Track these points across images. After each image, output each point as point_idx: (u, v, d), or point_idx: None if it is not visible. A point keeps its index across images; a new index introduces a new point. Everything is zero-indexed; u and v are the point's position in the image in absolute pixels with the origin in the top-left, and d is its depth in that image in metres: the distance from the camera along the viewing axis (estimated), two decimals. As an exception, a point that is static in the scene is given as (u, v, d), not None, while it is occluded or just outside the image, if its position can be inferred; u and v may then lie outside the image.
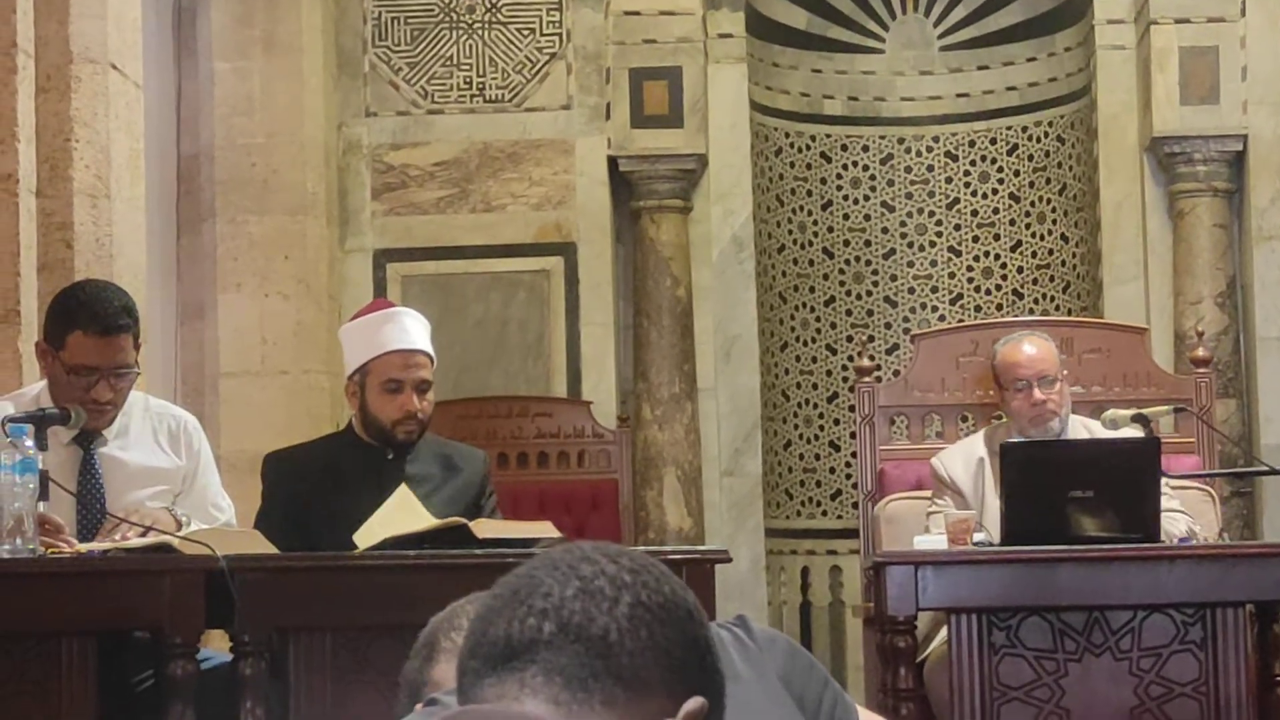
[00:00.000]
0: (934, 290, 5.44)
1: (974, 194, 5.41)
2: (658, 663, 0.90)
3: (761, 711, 1.24)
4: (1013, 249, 5.41)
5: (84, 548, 2.54)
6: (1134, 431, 3.11)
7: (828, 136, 5.44)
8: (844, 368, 5.20)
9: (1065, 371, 3.21)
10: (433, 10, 4.95)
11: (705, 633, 0.94)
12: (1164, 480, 2.94)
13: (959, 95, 5.49)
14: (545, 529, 2.43)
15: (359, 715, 2.29)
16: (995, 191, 5.42)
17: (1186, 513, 3.01)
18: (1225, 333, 4.74)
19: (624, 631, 0.89)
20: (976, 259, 5.42)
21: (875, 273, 5.43)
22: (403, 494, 2.51)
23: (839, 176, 5.47)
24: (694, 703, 0.89)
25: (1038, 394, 3.03)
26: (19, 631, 2.48)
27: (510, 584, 0.91)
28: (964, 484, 3.12)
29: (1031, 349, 3.11)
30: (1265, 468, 3.73)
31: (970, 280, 5.47)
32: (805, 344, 5.45)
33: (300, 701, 2.56)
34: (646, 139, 4.97)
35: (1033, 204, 5.44)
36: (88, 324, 2.53)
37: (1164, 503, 2.91)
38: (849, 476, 5.13)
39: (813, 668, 1.37)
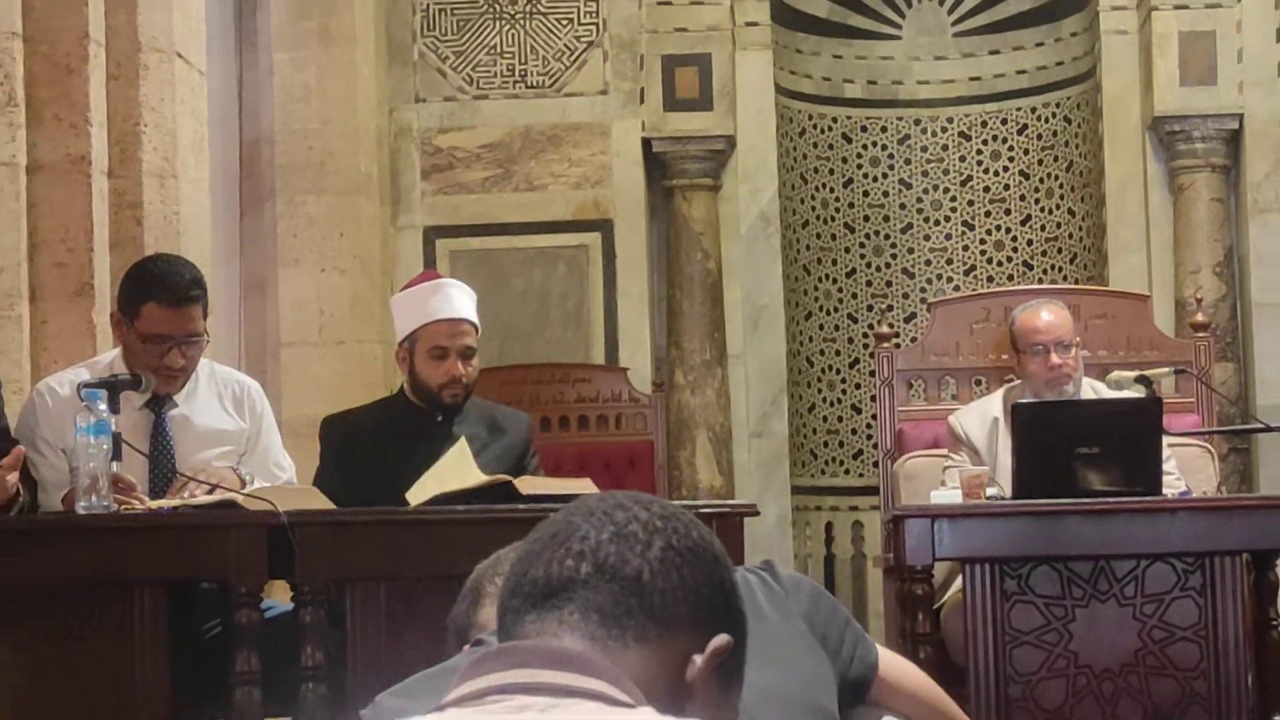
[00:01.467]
0: (949, 262, 5.70)
1: (986, 171, 5.66)
2: (687, 601, 0.92)
3: (784, 648, 1.36)
4: (1023, 223, 5.66)
5: (155, 504, 2.64)
6: (1137, 392, 3.26)
7: (848, 118, 5.70)
8: (865, 335, 5.43)
9: (1079, 338, 3.34)
10: (477, 2, 5.23)
11: (730, 575, 0.96)
12: (1166, 439, 3.04)
13: (971, 79, 5.76)
14: (585, 486, 2.52)
15: (411, 659, 2.31)
16: (1006, 169, 5.68)
17: (1177, 475, 3.16)
18: (1223, 300, 4.99)
19: (656, 573, 0.91)
20: (989, 232, 5.69)
21: (894, 246, 5.68)
22: (460, 448, 2.64)
23: (859, 156, 5.73)
24: (720, 640, 0.91)
25: (1054, 358, 3.17)
26: (96, 582, 2.60)
27: (548, 529, 0.93)
28: (979, 442, 3.27)
29: (1050, 315, 3.25)
30: (1261, 425, 3.91)
31: (983, 253, 5.72)
32: (828, 313, 5.72)
33: (356, 647, 2.65)
34: (678, 121, 5.22)
35: (1041, 180, 5.66)
36: (160, 295, 2.65)
37: (1167, 454, 3.01)
38: (869, 437, 5.38)
39: (835, 609, 1.48)
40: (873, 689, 1.52)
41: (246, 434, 2.83)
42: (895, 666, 1.59)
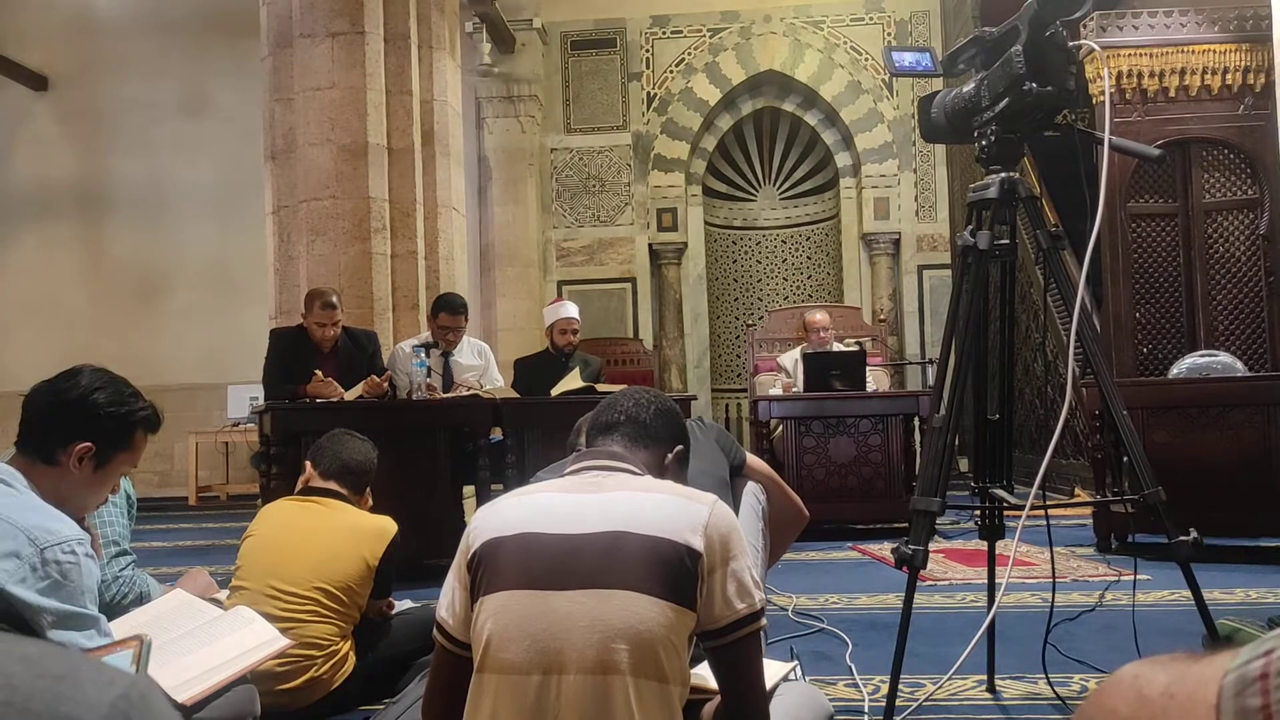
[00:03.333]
0: (776, 294, 10.38)
1: (793, 255, 10.32)
2: (665, 431, 1.69)
3: (706, 453, 2.40)
4: (807, 279, 10.18)
5: (444, 396, 4.81)
6: (855, 348, 5.97)
7: (734, 234, 10.31)
8: (742, 325, 9.47)
9: (831, 325, 6.05)
10: (578, 185, 9.39)
11: (683, 420, 1.73)
12: (867, 367, 5.70)
13: (786, 217, 10.50)
14: (622, 388, 3.64)
15: (552, 459, 2.74)
16: (799, 255, 10.19)
17: (872, 382, 5.80)
18: (892, 310, 9.32)
19: (652, 419, 1.68)
20: (794, 283, 10.25)
21: (754, 288, 10.28)
22: (576, 372, 5.02)
23: (740, 250, 10.38)
24: (678, 448, 1.68)
25: (822, 334, 5.91)
26: (421, 428, 4.50)
27: (607, 400, 1.73)
28: (789, 368, 5.98)
29: (820, 315, 5.98)
30: (906, 361, 7.35)
31: (792, 290, 10.36)
32: (727, 316, 10.43)
33: (529, 457, 4.55)
34: (663, 237, 9.63)
35: (817, 261, 10.19)
36: (446, 309, 5.02)
37: (867, 375, 5.66)
38: (743, 367, 8.99)
39: (729, 436, 2.60)
40: (744, 469, 2.55)
41: (483, 367, 5.21)
42: (755, 461, 2.63)
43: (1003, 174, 2.32)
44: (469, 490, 4.93)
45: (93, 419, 1.85)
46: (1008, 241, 2.37)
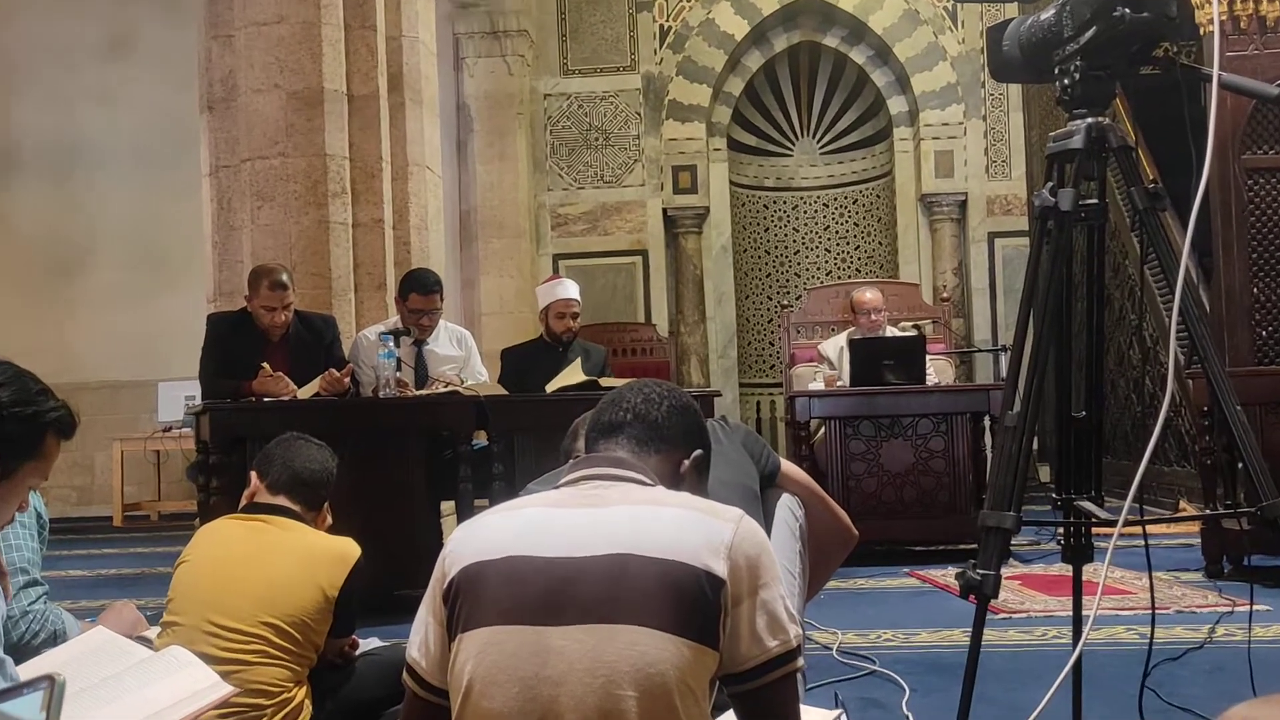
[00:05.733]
0: (818, 269, 10.51)
1: (836, 222, 10.47)
2: (680, 433, 1.72)
3: (731, 459, 2.47)
4: (854, 249, 10.39)
5: (417, 393, 4.86)
6: (912, 333, 5.98)
7: (766, 197, 10.54)
8: (776, 306, 9.49)
9: (884, 306, 6.07)
10: (578, 140, 9.65)
11: (702, 420, 1.78)
12: (927, 356, 5.72)
13: (829, 176, 10.63)
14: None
15: (545, 469, 2.63)
16: (846, 221, 10.38)
17: (933, 374, 5.84)
18: (957, 287, 9.37)
19: (664, 418, 1.72)
20: (837, 254, 10.45)
21: (789, 261, 10.46)
22: (575, 364, 5.06)
23: (771, 215, 10.60)
24: (697, 453, 1.73)
25: (873, 317, 5.93)
26: (389, 431, 4.60)
27: (611, 396, 1.76)
28: (833, 358, 6.02)
29: (870, 294, 6.00)
30: (974, 349, 7.66)
31: (836, 264, 10.55)
32: (757, 296, 10.61)
33: (518, 463, 4.65)
34: (680, 200, 9.90)
35: (865, 227, 10.34)
36: (418, 288, 5.06)
37: (927, 365, 5.69)
38: (777, 357, 9.43)
39: (758, 439, 2.69)
40: (778, 479, 2.63)
41: (463, 358, 5.27)
42: (791, 468, 2.69)
43: (1090, 119, 2.31)
44: (448, 506, 4.97)
45: (-7, 422, 1.84)
46: (1096, 201, 2.36)
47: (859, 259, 10.67)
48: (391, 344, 4.79)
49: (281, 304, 4.95)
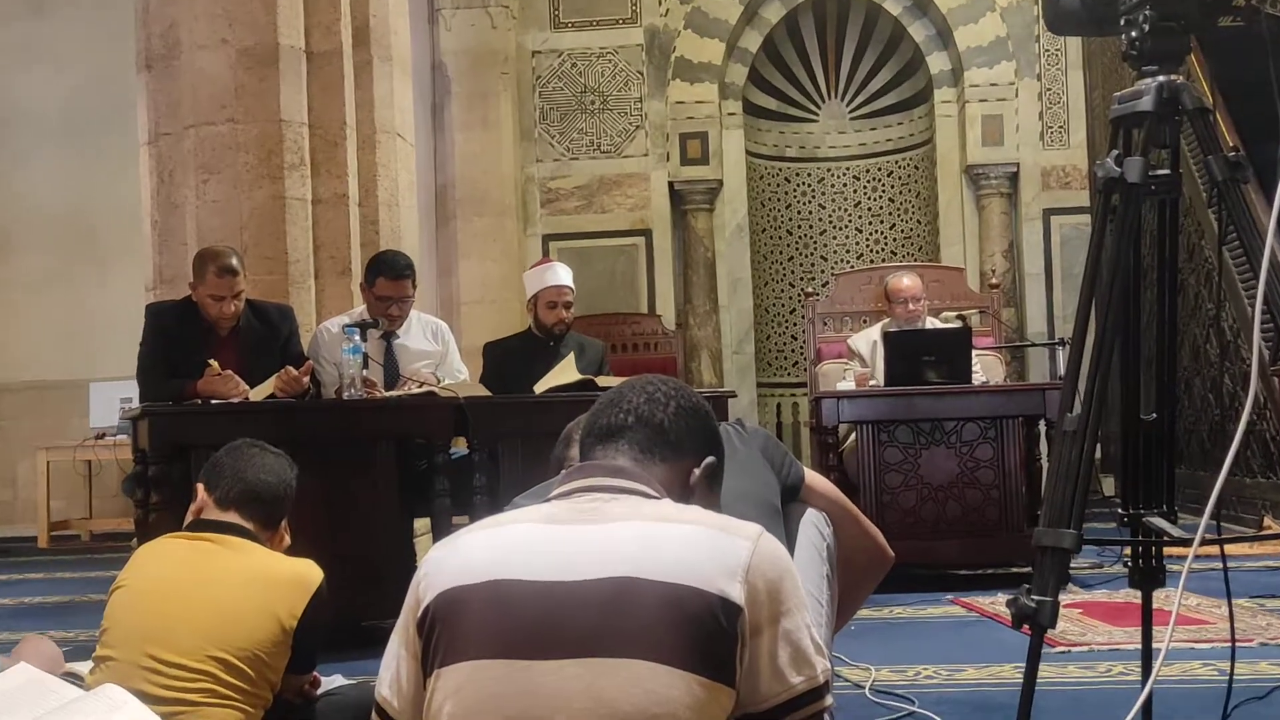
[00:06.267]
0: (847, 251, 10.63)
1: (868, 198, 10.53)
2: (690, 438, 1.75)
3: (748, 468, 2.40)
4: (890, 228, 10.52)
5: (387, 394, 4.78)
6: (956, 324, 5.97)
7: (788, 168, 10.57)
8: (799, 294, 9.66)
9: (924, 293, 6.09)
10: (571, 103, 9.80)
11: (715, 424, 1.81)
12: (974, 351, 5.71)
13: (860, 144, 10.65)
14: None
15: (535, 480, 2.54)
16: (880, 196, 10.50)
17: (980, 371, 5.85)
18: (1007, 272, 9.45)
19: (671, 421, 1.74)
20: (870, 234, 10.53)
21: (814, 242, 10.55)
22: (568, 360, 5.04)
23: (794, 190, 10.65)
24: (709, 461, 1.77)
25: (911, 307, 5.96)
26: (355, 438, 4.56)
27: (610, 396, 1.78)
28: (865, 354, 6.06)
29: (908, 280, 6.03)
30: (1028, 343, 7.62)
31: (867, 246, 10.63)
32: (777, 282, 10.72)
33: (503, 475, 4.60)
34: (689, 172, 10.02)
35: (901, 204, 10.43)
36: (387, 273, 5.05)
37: (974, 362, 5.68)
38: (801, 352, 9.74)
39: (778, 446, 2.58)
40: (801, 492, 2.57)
41: (439, 353, 5.26)
42: (817, 480, 2.65)
43: (1160, 78, 2.31)
44: (422, 524, 4.97)
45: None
46: (1168, 172, 2.36)
47: (894, 239, 10.63)
48: (357, 338, 4.77)
49: (231, 292, 4.94)
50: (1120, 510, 2.49)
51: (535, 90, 10.32)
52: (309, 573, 2.82)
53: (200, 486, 2.93)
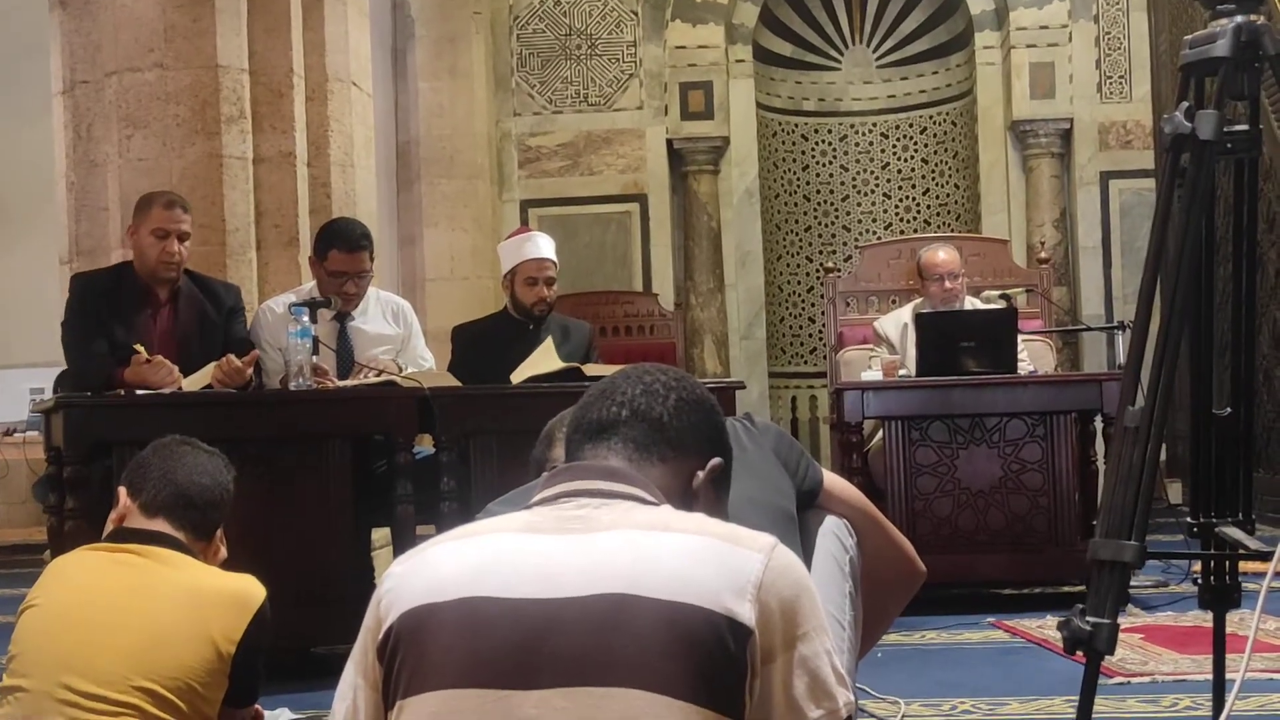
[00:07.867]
0: (873, 220, 10.70)
1: (898, 159, 10.56)
2: (693, 436, 1.75)
3: (759, 470, 2.42)
4: (924, 194, 10.56)
5: (341, 384, 4.74)
6: (1000, 305, 5.95)
7: (805, 124, 10.61)
8: (817, 270, 9.82)
9: (963, 269, 6.08)
10: (554, 48, 9.87)
11: (721, 419, 1.80)
12: (1020, 336, 5.70)
13: (888, 96, 10.66)
14: None
15: (511, 484, 2.63)
16: (912, 157, 10.54)
17: (1027, 360, 5.84)
18: (1059, 244, 9.47)
19: (671, 416, 1.74)
20: (900, 200, 10.58)
21: (836, 210, 10.59)
22: (547, 345, 4.98)
23: (812, 150, 10.65)
24: (715, 461, 1.76)
25: (948, 284, 5.96)
26: (303, 435, 4.55)
27: (600, 387, 1.77)
28: (894, 339, 6.05)
29: (944, 254, 6.03)
30: (1083, 326, 7.53)
31: (896, 214, 10.70)
32: (792, 256, 10.78)
33: (476, 478, 4.53)
34: (690, 128, 10.05)
35: (935, 165, 10.44)
36: (341, 244, 5.01)
37: (1020, 348, 5.67)
38: (820, 337, 9.79)
39: (793, 444, 2.61)
40: (820, 497, 2.59)
41: (401, 336, 5.24)
42: (837, 484, 2.66)
43: (1238, 18, 2.31)
44: (381, 534, 5.00)
45: None
46: (1246, 128, 2.36)
47: (928, 207, 10.61)
48: (305, 319, 4.74)
49: (177, 228, 4.93)
50: (1189, 519, 2.50)
51: (512, 33, 10.27)
52: (249, 590, 2.82)
53: (123, 490, 2.93)
